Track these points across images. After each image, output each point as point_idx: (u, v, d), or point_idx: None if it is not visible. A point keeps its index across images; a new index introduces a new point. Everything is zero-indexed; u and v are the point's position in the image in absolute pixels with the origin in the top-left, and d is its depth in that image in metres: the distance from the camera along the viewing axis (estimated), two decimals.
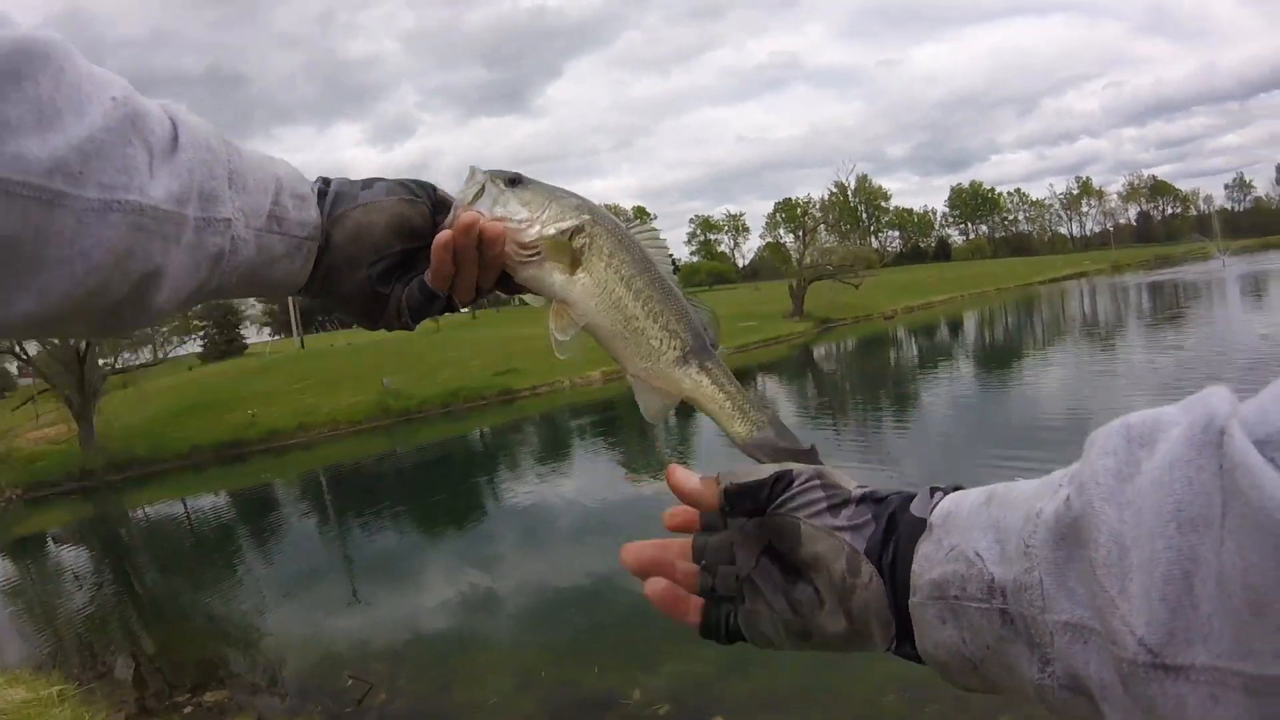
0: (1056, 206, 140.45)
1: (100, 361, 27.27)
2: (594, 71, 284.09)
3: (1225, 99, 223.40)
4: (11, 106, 0.61)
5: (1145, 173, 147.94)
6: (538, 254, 0.86)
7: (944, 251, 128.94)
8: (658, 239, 0.90)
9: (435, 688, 6.49)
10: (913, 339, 38.06)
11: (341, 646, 7.64)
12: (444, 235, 0.84)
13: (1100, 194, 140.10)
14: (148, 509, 18.29)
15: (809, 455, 0.83)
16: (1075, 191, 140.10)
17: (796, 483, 0.73)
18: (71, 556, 14.16)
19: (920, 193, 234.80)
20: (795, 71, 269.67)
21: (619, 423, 20.37)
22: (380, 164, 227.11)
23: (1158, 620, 0.43)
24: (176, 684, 7.17)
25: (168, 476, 21.68)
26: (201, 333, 68.68)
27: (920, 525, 0.66)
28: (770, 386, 26.60)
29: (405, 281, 0.91)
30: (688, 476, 0.77)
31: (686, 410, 0.87)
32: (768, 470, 0.75)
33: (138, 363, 31.36)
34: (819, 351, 36.21)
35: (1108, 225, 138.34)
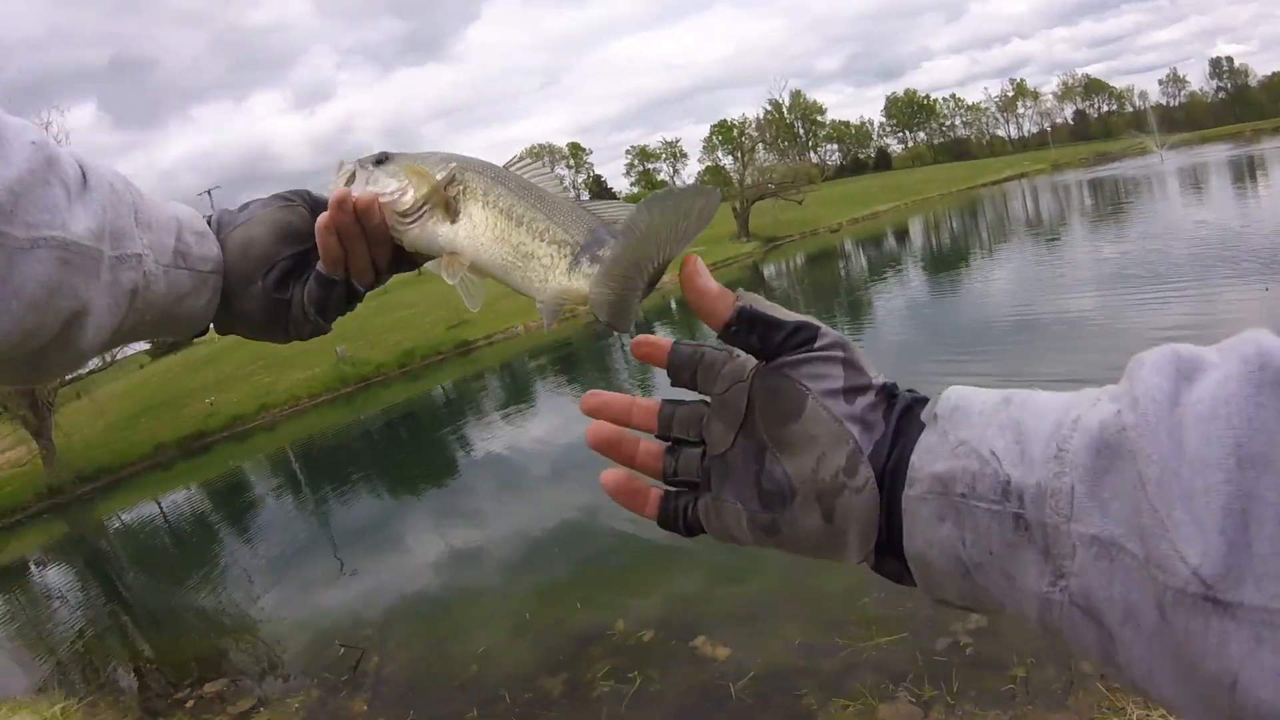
0: (992, 109, 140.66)
1: None
2: (513, 10, 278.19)
3: None
4: None
5: (1079, 72, 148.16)
6: (418, 216, 0.88)
7: (884, 161, 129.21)
8: (542, 169, 0.89)
9: (425, 645, 6.55)
10: (860, 250, 38.23)
11: (334, 619, 7.67)
12: (323, 217, 0.87)
13: (1035, 95, 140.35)
14: (123, 516, 18.00)
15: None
16: (1010, 94, 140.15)
17: (818, 344, 0.64)
18: (56, 577, 13.96)
19: (856, 104, 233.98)
20: None
21: (577, 359, 20.45)
22: (305, 129, 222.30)
23: (1214, 552, 0.41)
24: (177, 682, 7.14)
25: (136, 480, 21.32)
26: None
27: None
28: None
29: (303, 282, 0.92)
30: (709, 276, 0.67)
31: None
32: (791, 316, 0.65)
33: (88, 370, 30.63)
34: (769, 270, 36.32)
35: (1045, 126, 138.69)
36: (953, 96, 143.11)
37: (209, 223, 0.94)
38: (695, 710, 4.81)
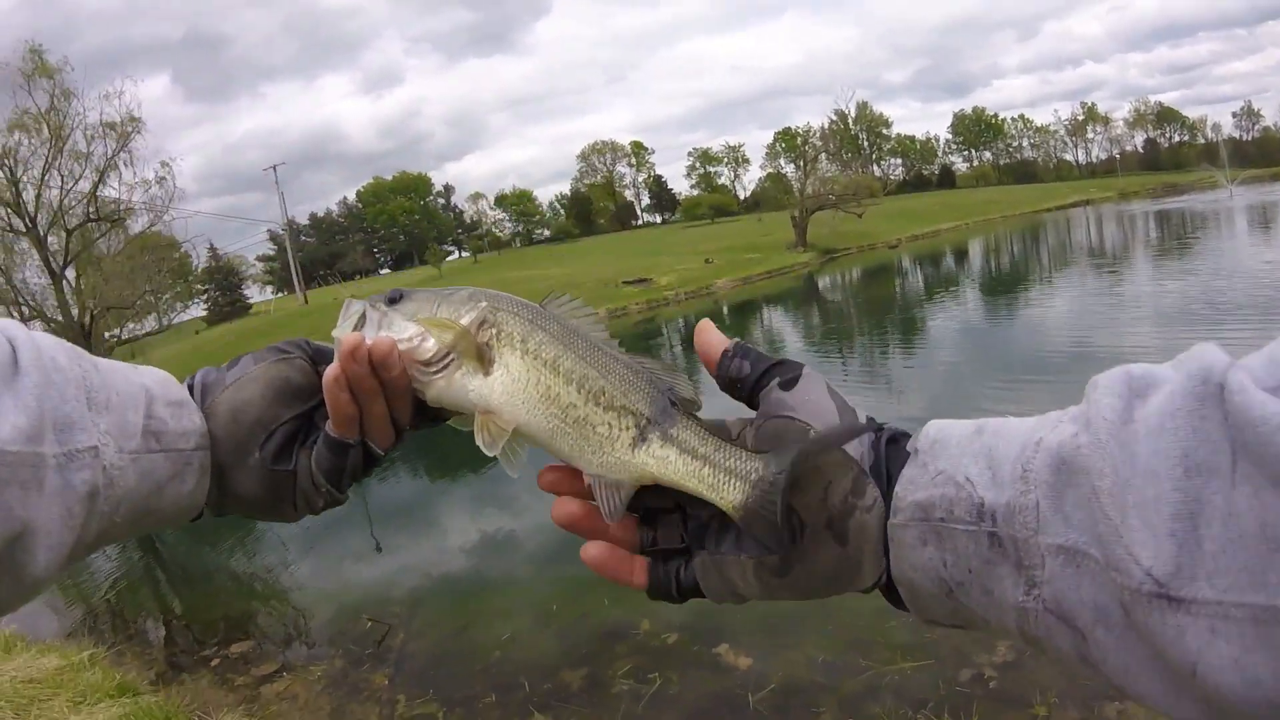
0: (1062, 133, 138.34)
1: (106, 334, 27.22)
2: (582, 5, 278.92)
3: (1233, 24, 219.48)
4: None
5: (1152, 99, 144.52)
6: (444, 366, 0.75)
7: (948, 179, 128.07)
8: (582, 308, 0.78)
9: (452, 627, 6.63)
10: (918, 268, 37.97)
11: (363, 594, 7.80)
12: (332, 369, 0.73)
13: (1106, 120, 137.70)
14: None
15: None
16: (1080, 117, 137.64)
17: (803, 381, 0.70)
18: None
19: (922, 119, 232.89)
20: None
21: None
22: (372, 113, 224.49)
23: (1165, 554, 0.45)
24: (204, 640, 7.31)
25: None
26: (205, 296, 69.22)
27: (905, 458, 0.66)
28: (775, 317, 26.62)
29: (309, 448, 0.79)
30: (715, 334, 0.77)
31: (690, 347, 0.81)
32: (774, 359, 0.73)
33: (144, 331, 31.33)
34: (823, 282, 36.17)
35: (1114, 152, 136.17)
36: (1021, 117, 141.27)
37: (190, 389, 0.79)
38: (711, 716, 4.81)
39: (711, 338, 0.76)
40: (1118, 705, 4.19)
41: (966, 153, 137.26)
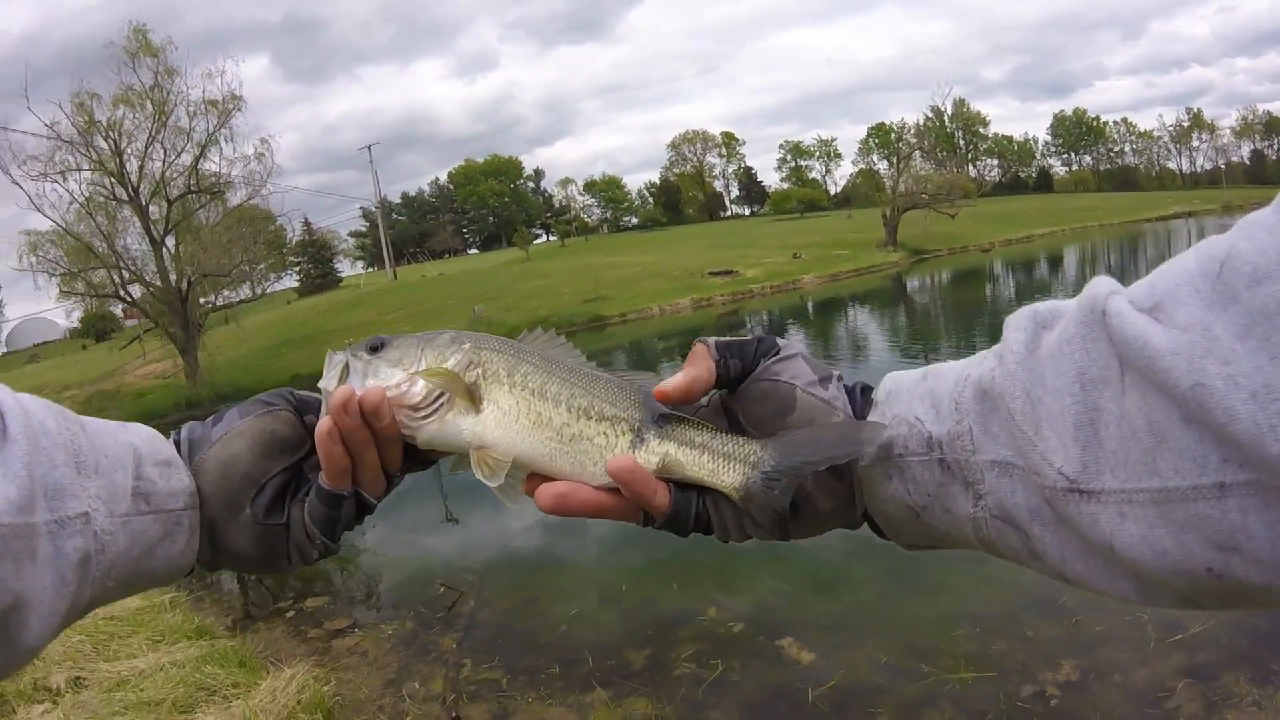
0: (1165, 139, 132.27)
1: (202, 299, 28.18)
2: None
3: None
4: None
5: (1260, 108, 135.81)
6: (433, 409, 0.78)
7: (1045, 182, 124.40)
8: (556, 339, 0.83)
9: (521, 599, 6.77)
10: (1010, 273, 37.11)
11: (434, 562, 8.05)
12: (324, 423, 0.75)
13: (1212, 128, 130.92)
14: None
15: (843, 441, 0.73)
16: (1185, 124, 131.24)
17: (783, 351, 0.78)
18: None
19: (1021, 119, 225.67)
20: None
21: None
22: (464, 96, 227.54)
23: (1073, 456, 0.54)
24: (278, 594, 7.60)
25: None
26: (298, 268, 71.10)
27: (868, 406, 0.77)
28: (860, 316, 26.34)
29: (300, 500, 0.80)
30: (670, 380, 0.77)
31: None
32: (750, 335, 0.81)
33: (238, 299, 32.17)
34: (912, 283, 35.62)
35: (1219, 162, 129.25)
36: (1124, 120, 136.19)
37: (177, 446, 0.80)
38: (769, 708, 4.83)
39: (690, 369, 0.77)
40: None
41: (1065, 156, 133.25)
